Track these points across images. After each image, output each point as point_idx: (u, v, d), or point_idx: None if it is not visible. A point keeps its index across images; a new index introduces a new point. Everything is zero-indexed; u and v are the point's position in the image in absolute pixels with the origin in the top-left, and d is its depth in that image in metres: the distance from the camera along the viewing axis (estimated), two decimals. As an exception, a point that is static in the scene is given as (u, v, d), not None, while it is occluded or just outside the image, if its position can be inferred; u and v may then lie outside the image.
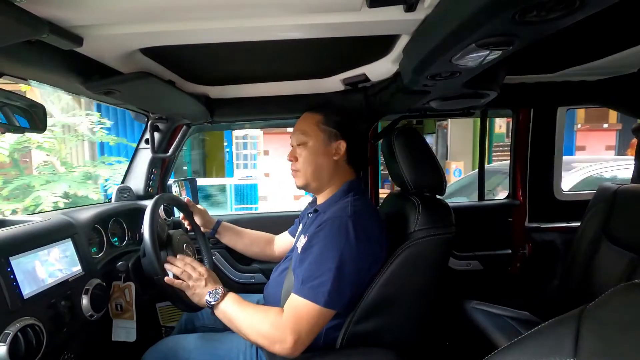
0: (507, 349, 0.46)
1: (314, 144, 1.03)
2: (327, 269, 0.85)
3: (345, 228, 0.88)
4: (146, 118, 1.53)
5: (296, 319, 0.84)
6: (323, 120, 1.04)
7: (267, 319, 0.86)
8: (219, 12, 0.70)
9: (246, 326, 0.88)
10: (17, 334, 0.76)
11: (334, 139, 1.03)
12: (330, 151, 1.03)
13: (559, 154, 1.84)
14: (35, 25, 0.62)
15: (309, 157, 1.03)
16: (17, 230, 0.92)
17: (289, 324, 0.83)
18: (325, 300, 0.84)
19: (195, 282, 0.96)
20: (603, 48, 1.10)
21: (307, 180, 1.05)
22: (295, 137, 1.07)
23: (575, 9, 0.51)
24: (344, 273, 0.85)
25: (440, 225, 0.99)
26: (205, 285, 0.96)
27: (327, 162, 1.04)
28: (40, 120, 0.94)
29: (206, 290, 0.95)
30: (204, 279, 0.97)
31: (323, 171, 1.04)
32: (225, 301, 0.93)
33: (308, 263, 0.88)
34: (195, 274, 0.97)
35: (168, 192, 1.61)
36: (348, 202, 0.95)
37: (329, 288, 0.84)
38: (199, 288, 0.96)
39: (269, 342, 0.84)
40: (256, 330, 0.86)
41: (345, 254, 0.86)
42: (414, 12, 0.69)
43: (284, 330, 0.83)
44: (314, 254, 0.88)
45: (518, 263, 1.81)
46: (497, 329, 1.28)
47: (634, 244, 1.20)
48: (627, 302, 0.39)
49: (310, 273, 0.86)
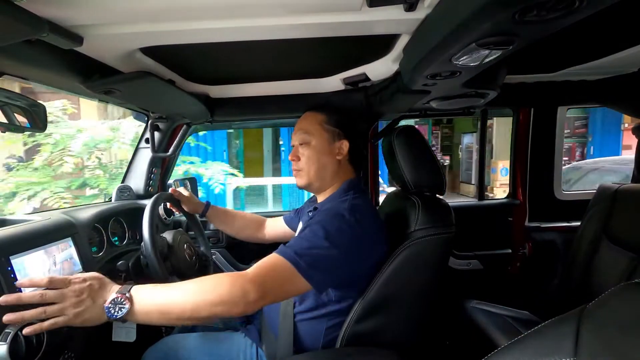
0: (507, 348, 0.46)
1: (317, 144, 1.03)
2: (311, 241, 0.83)
3: (341, 216, 0.88)
4: (146, 117, 1.53)
5: (259, 269, 0.76)
6: (326, 119, 1.04)
7: (218, 282, 0.73)
8: (219, 11, 0.70)
9: (191, 304, 0.71)
10: (18, 334, 0.76)
11: (337, 138, 1.03)
12: (333, 150, 1.03)
13: (559, 153, 1.84)
14: (35, 24, 0.62)
15: (312, 157, 1.03)
16: (18, 230, 0.92)
17: (250, 275, 0.74)
18: (308, 272, 0.78)
19: (70, 304, 0.70)
20: (603, 48, 1.10)
21: (310, 180, 1.05)
22: (297, 136, 1.06)
23: (575, 9, 0.51)
24: (328, 253, 0.82)
25: (441, 224, 0.99)
26: (91, 304, 0.71)
27: (330, 161, 1.03)
28: (40, 119, 0.94)
29: (99, 303, 0.71)
30: (88, 298, 0.71)
31: (326, 171, 1.04)
32: (136, 297, 0.72)
33: (299, 238, 0.86)
34: (60, 294, 0.70)
35: (168, 192, 1.61)
36: (347, 199, 0.95)
37: (314, 261, 0.80)
38: (81, 307, 0.70)
39: (229, 305, 0.72)
40: (209, 300, 0.71)
41: (334, 237, 0.84)
42: (414, 11, 0.69)
43: (244, 284, 0.72)
44: (307, 232, 0.87)
45: (518, 263, 1.81)
46: (497, 328, 1.28)
47: (634, 243, 1.20)
48: (627, 301, 0.39)
49: (294, 242, 0.84)
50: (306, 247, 0.82)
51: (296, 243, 0.84)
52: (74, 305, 0.70)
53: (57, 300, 0.70)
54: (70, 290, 0.71)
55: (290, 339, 0.95)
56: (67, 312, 0.70)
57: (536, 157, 1.82)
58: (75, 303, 0.70)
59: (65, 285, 0.71)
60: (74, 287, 0.71)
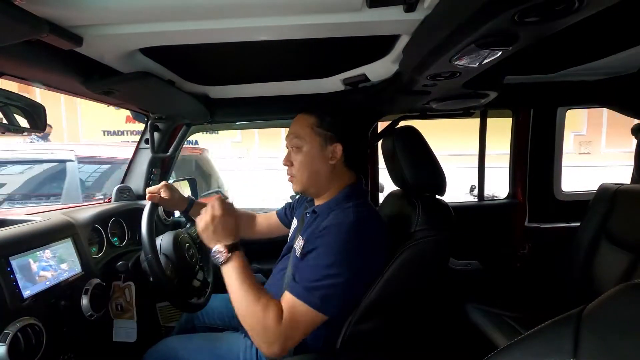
0: (507, 348, 0.46)
1: (309, 149, 0.98)
2: (320, 272, 0.84)
3: (348, 236, 0.86)
4: (146, 118, 1.53)
5: (292, 323, 0.81)
6: (317, 122, 0.99)
7: (264, 319, 0.81)
8: (219, 12, 0.70)
9: (241, 311, 0.84)
10: (17, 334, 0.76)
11: (329, 142, 0.98)
12: (326, 155, 0.98)
13: (559, 153, 1.84)
14: (35, 25, 0.62)
15: (304, 163, 0.99)
16: (17, 230, 0.92)
17: (285, 331, 0.80)
18: (322, 306, 0.82)
19: (203, 229, 0.89)
20: (603, 48, 1.10)
21: (304, 186, 1.02)
22: (289, 140, 1.02)
23: (575, 9, 0.51)
24: (338, 281, 0.83)
25: (441, 225, 0.99)
26: (211, 236, 0.89)
27: (323, 167, 0.99)
28: (40, 120, 0.94)
29: (212, 244, 0.89)
30: (211, 229, 0.89)
31: (320, 176, 1.00)
32: (227, 267, 0.87)
33: (308, 266, 0.87)
34: (203, 220, 0.89)
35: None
36: (350, 208, 0.93)
37: (327, 293, 0.82)
38: (205, 238, 0.90)
39: (257, 340, 0.82)
40: (247, 321, 0.83)
41: (345, 263, 0.84)
42: (413, 12, 0.69)
43: (276, 338, 0.80)
44: (314, 259, 0.87)
45: (518, 263, 1.81)
46: (497, 329, 1.28)
47: (634, 244, 1.20)
48: (627, 302, 0.39)
49: (310, 276, 0.85)
50: (317, 279, 0.83)
51: (307, 276, 0.85)
52: (205, 235, 0.89)
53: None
54: (205, 223, 0.89)
55: (290, 339, 0.95)
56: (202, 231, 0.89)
57: (536, 158, 1.82)
58: (207, 234, 0.89)
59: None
60: (206, 218, 0.89)
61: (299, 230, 1.07)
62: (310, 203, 1.12)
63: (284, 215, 1.35)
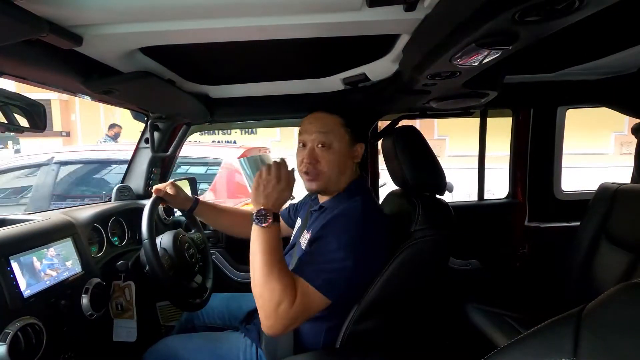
0: (507, 348, 0.46)
1: (340, 147, 0.98)
2: (332, 259, 0.84)
3: (355, 224, 0.87)
4: (146, 117, 1.53)
5: (301, 307, 0.81)
6: (343, 122, 1.00)
7: (281, 297, 0.80)
8: (219, 11, 0.70)
9: (260, 280, 0.82)
10: (17, 333, 0.76)
11: (356, 141, 1.02)
12: (353, 154, 1.02)
13: (559, 153, 1.84)
14: (35, 24, 0.62)
15: (335, 161, 0.97)
16: (17, 230, 0.92)
17: (293, 314, 0.80)
18: (327, 289, 0.82)
19: (258, 185, 0.88)
20: (603, 48, 1.10)
21: (327, 184, 1.00)
22: (315, 137, 0.98)
23: (575, 9, 0.51)
24: (343, 265, 0.84)
25: (441, 224, 0.99)
26: (264, 194, 0.87)
27: (350, 165, 1.02)
28: (40, 119, 0.94)
29: (258, 204, 0.87)
30: (271, 185, 0.87)
31: (344, 174, 1.01)
32: (264, 232, 0.85)
33: (315, 252, 0.87)
34: (270, 171, 0.88)
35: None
36: (358, 201, 0.94)
37: (331, 277, 0.83)
38: (256, 196, 0.88)
39: (263, 314, 0.81)
40: (263, 295, 0.81)
41: (351, 250, 0.85)
42: (413, 11, 0.69)
43: (284, 318, 0.80)
44: (321, 244, 0.87)
45: (518, 263, 1.81)
46: (497, 328, 1.28)
47: (634, 243, 1.20)
48: (627, 301, 0.39)
49: (316, 260, 0.85)
50: (323, 262, 0.84)
51: (313, 259, 0.86)
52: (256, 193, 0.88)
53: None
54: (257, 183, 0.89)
55: (290, 339, 0.95)
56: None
57: (536, 157, 1.82)
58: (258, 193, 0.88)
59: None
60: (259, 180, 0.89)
61: (304, 226, 1.08)
62: (315, 201, 1.12)
63: (287, 216, 1.36)
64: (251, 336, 1.04)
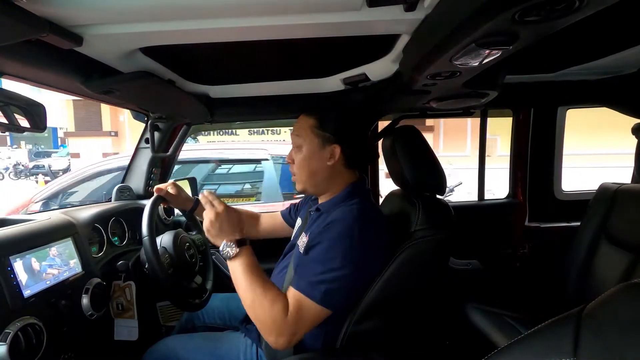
0: (507, 348, 0.46)
1: (307, 149, 1.00)
2: (330, 269, 0.84)
3: (351, 231, 0.87)
4: (146, 117, 1.53)
5: (298, 317, 0.83)
6: (317, 124, 1.00)
7: (271, 311, 0.83)
8: (219, 11, 0.70)
9: (249, 304, 0.86)
10: (18, 333, 0.76)
11: (328, 143, 0.98)
12: (324, 156, 0.99)
13: (559, 153, 1.84)
14: (35, 24, 0.62)
15: (303, 162, 1.01)
16: (18, 230, 0.92)
17: (291, 324, 0.82)
18: (326, 301, 0.83)
19: (209, 227, 0.91)
20: (603, 48, 1.10)
21: (304, 185, 1.03)
22: (292, 139, 1.04)
23: (575, 8, 0.51)
24: (341, 274, 0.85)
25: (441, 225, 0.99)
26: (218, 233, 0.90)
27: (321, 167, 1.00)
28: (40, 119, 0.94)
29: (219, 241, 0.90)
30: (217, 226, 0.90)
31: (317, 176, 1.01)
32: (236, 263, 0.88)
33: (312, 261, 0.88)
34: (208, 217, 0.91)
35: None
36: (354, 205, 0.94)
37: (330, 287, 0.83)
38: (213, 235, 0.91)
39: (265, 332, 0.84)
40: (256, 314, 0.85)
41: (348, 257, 0.85)
42: (414, 11, 0.69)
43: (284, 330, 0.82)
44: (318, 253, 0.87)
45: (518, 263, 1.81)
46: (497, 328, 1.28)
47: (634, 243, 1.20)
48: (627, 301, 0.39)
49: (313, 270, 0.86)
50: (320, 272, 0.85)
51: (310, 269, 0.86)
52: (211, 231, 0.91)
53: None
54: (211, 220, 0.90)
55: (290, 339, 0.95)
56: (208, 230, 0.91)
57: (536, 157, 1.82)
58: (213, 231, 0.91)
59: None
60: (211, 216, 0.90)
61: (303, 228, 1.08)
62: (315, 202, 1.12)
63: (288, 216, 1.36)
64: (251, 336, 1.04)
